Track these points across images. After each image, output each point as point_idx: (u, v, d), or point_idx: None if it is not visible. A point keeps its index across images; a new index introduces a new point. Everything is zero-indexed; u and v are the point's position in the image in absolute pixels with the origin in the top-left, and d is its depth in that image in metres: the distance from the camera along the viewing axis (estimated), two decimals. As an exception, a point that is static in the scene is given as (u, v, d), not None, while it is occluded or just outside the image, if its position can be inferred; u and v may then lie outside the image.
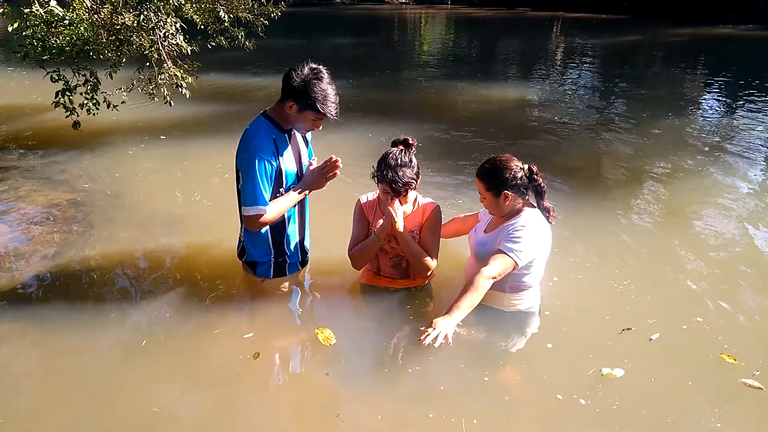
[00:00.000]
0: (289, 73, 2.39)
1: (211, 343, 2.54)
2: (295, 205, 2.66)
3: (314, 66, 2.40)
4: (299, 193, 2.59)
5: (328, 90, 2.37)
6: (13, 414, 2.17)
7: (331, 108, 2.39)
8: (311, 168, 2.65)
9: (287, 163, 2.54)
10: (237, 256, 2.87)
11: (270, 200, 2.50)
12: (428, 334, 2.17)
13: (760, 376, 2.31)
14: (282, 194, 2.56)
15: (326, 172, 2.60)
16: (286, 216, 2.65)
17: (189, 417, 2.18)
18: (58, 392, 2.29)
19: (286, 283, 2.86)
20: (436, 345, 2.16)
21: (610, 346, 2.51)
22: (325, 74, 2.39)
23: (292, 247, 2.78)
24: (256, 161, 2.40)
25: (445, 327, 2.21)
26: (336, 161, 2.59)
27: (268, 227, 2.63)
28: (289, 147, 2.57)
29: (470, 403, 2.19)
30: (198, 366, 2.44)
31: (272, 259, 2.76)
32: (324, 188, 2.66)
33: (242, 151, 2.46)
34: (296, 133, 2.61)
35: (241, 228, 2.74)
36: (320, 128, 2.52)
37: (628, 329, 2.58)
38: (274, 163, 2.46)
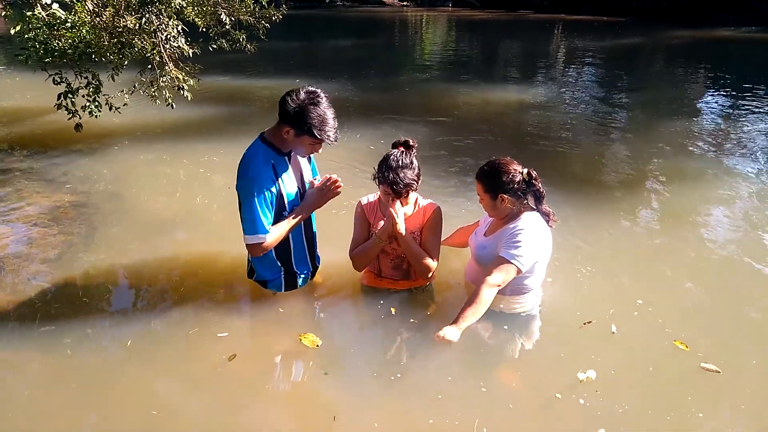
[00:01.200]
0: (285, 98, 2.33)
1: (211, 344, 2.54)
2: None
3: (311, 89, 2.33)
4: (300, 214, 2.54)
5: (325, 114, 2.31)
6: (15, 415, 2.18)
7: (330, 133, 2.33)
8: (312, 188, 2.59)
9: (288, 185, 2.50)
10: (246, 276, 2.83)
11: (273, 224, 2.47)
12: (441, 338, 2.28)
13: (711, 361, 2.41)
14: (285, 217, 2.51)
15: (326, 192, 2.54)
16: (290, 233, 2.60)
17: (187, 418, 2.18)
18: (59, 393, 2.30)
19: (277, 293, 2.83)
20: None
21: (605, 345, 2.52)
22: (323, 98, 2.33)
23: (300, 262, 2.75)
24: (255, 190, 2.36)
25: (450, 336, 2.28)
26: (336, 182, 2.52)
27: (273, 248, 2.59)
28: (290, 169, 2.52)
29: (471, 408, 2.18)
30: (196, 367, 2.44)
31: (282, 275, 2.73)
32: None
33: (240, 178, 2.43)
34: None
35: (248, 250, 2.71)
36: (320, 152, 2.47)
37: (589, 323, 2.63)
38: (274, 190, 2.42)
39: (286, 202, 2.50)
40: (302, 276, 2.78)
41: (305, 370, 2.46)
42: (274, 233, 2.46)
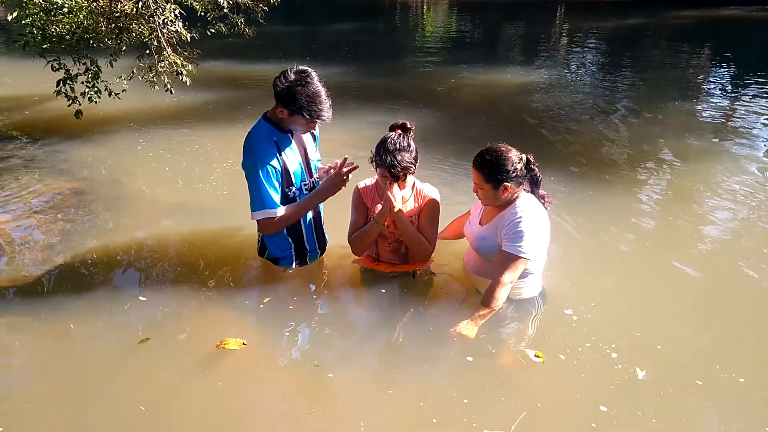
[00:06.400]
0: (275, 79, 2.37)
1: (206, 333, 2.53)
2: None
3: (301, 69, 2.35)
4: (317, 198, 2.60)
5: (315, 94, 2.34)
6: (15, 403, 2.20)
7: (320, 112, 2.37)
8: (326, 176, 2.62)
9: (291, 162, 2.55)
10: (258, 255, 2.88)
11: (283, 202, 2.53)
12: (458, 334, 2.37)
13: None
14: (293, 192, 2.59)
15: (338, 181, 2.53)
16: None
17: (175, 410, 2.15)
18: (62, 380, 2.32)
19: (288, 270, 2.85)
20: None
21: (610, 332, 2.53)
22: (313, 77, 2.35)
23: (310, 238, 2.82)
24: (259, 166, 2.42)
25: (467, 332, 2.37)
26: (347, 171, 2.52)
27: None
28: (293, 145, 2.58)
29: (476, 401, 2.13)
30: (190, 356, 2.40)
31: (293, 252, 2.80)
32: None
33: (245, 156, 2.49)
34: None
35: (258, 227, 2.76)
36: (316, 129, 2.54)
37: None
38: (277, 166, 2.47)
39: (292, 178, 2.56)
40: (311, 253, 2.86)
41: (293, 362, 2.40)
42: (288, 210, 2.53)
